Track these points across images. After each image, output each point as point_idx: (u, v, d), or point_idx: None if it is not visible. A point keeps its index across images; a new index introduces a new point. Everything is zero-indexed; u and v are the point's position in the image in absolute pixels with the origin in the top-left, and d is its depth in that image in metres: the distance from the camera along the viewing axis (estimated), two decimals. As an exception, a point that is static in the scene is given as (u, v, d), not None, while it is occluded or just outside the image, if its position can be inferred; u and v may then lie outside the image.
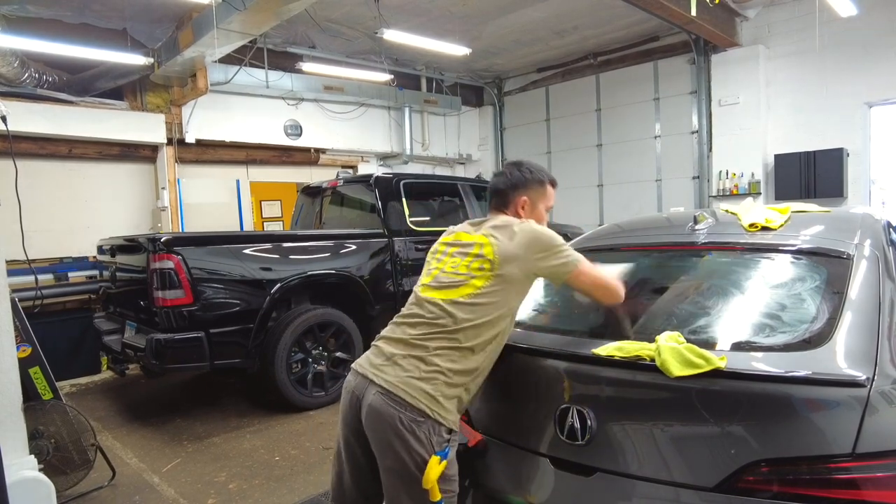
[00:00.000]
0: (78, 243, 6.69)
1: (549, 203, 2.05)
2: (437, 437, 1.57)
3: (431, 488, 1.54)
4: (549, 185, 2.05)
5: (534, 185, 1.99)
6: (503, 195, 1.98)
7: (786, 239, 2.04)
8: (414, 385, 1.58)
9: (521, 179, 1.98)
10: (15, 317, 2.74)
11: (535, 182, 2.00)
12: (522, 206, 1.96)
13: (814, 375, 1.34)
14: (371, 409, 1.62)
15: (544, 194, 2.02)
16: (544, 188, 2.03)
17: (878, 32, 7.07)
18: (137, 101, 7.22)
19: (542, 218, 1.99)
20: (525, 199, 1.96)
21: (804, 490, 1.27)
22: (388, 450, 1.59)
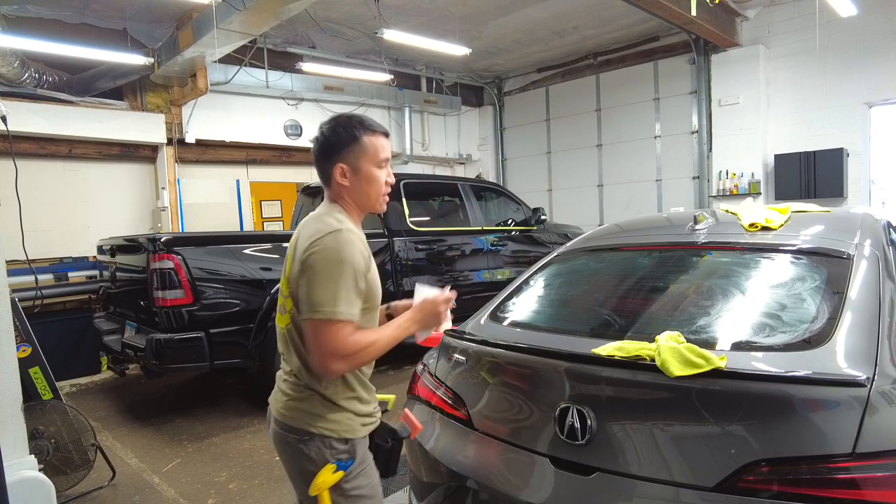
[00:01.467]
0: (78, 243, 6.70)
1: (378, 156, 1.60)
2: (330, 449, 1.52)
3: (320, 497, 1.50)
4: (367, 136, 1.58)
5: (346, 144, 1.57)
6: (319, 170, 1.63)
7: (786, 239, 2.04)
8: (292, 407, 1.56)
9: (327, 144, 1.59)
10: (15, 317, 2.74)
11: (347, 140, 1.57)
12: (342, 176, 1.58)
13: (814, 375, 1.34)
14: (273, 438, 1.65)
15: (364, 150, 1.58)
16: (359, 143, 1.57)
17: (878, 32, 7.07)
18: (137, 101, 7.22)
19: (372, 179, 1.60)
20: (341, 166, 1.57)
21: (804, 490, 1.27)
22: (290, 472, 1.64)
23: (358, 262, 1.48)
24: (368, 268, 1.54)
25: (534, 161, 10.75)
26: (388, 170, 1.65)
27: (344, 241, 1.48)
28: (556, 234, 7.04)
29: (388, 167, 1.65)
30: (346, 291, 1.44)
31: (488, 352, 1.89)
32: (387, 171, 1.65)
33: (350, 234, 1.50)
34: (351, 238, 1.49)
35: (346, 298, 1.44)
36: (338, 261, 1.44)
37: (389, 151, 1.65)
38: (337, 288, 1.43)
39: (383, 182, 1.63)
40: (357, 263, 1.47)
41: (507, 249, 6.46)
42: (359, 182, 1.60)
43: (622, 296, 2.12)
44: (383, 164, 1.63)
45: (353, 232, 1.52)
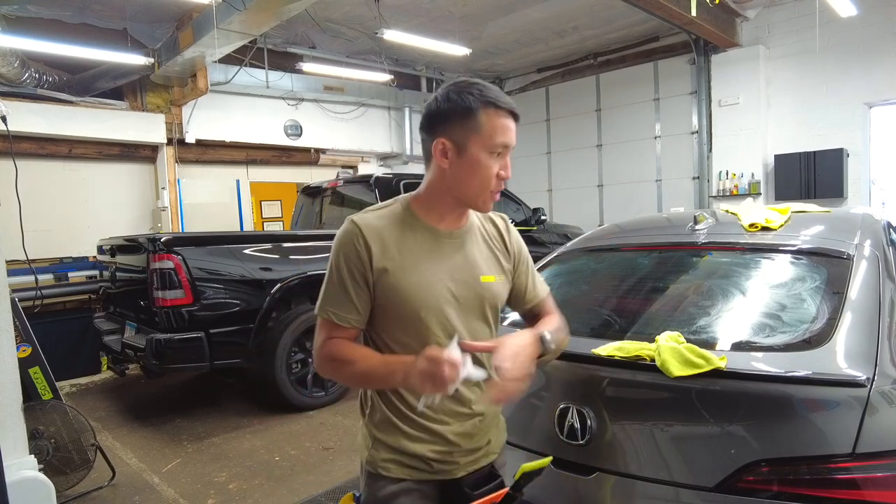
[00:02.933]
0: (78, 243, 6.69)
1: (494, 139, 1.26)
2: (361, 475, 1.45)
3: None
4: (486, 109, 1.26)
5: (456, 115, 1.27)
6: (423, 146, 1.38)
7: (786, 239, 2.04)
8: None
9: (433, 111, 1.32)
10: (15, 317, 2.74)
11: (457, 109, 1.27)
12: (442, 154, 1.29)
13: (814, 375, 1.34)
14: None
15: (476, 127, 1.25)
16: (472, 115, 1.25)
17: (877, 33, 7.07)
18: (137, 101, 7.22)
19: (477, 166, 1.27)
20: (443, 142, 1.28)
21: (804, 490, 1.27)
22: None
23: (348, 257, 1.29)
24: (378, 265, 1.28)
25: (534, 161, 10.75)
26: (506, 161, 1.31)
27: (339, 235, 1.33)
28: (556, 235, 7.03)
29: (506, 157, 1.31)
30: (331, 289, 1.32)
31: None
32: (504, 162, 1.30)
33: (350, 226, 1.31)
34: (349, 230, 1.31)
35: (330, 296, 1.32)
36: (331, 255, 1.33)
37: (513, 137, 1.30)
38: (324, 284, 1.34)
39: (493, 174, 1.28)
40: (346, 259, 1.29)
41: (507, 249, 6.45)
42: (461, 166, 1.28)
43: (622, 296, 2.12)
44: (500, 151, 1.28)
45: (358, 223, 1.31)
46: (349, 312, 1.30)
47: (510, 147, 1.31)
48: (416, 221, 1.35)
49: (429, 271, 1.32)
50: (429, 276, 1.31)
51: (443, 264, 1.34)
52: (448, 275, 1.33)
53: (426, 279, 1.31)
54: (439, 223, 1.36)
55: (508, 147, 1.30)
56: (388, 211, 1.36)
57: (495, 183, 1.31)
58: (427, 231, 1.35)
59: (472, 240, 1.41)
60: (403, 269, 1.30)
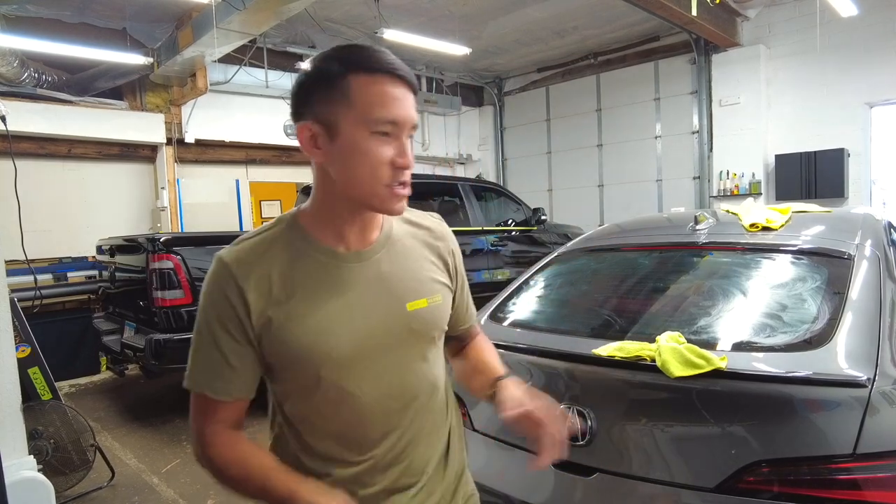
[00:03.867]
0: (77, 243, 6.69)
1: (372, 112, 0.94)
2: None
3: None
4: (353, 74, 0.93)
5: (317, 87, 0.96)
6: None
7: (786, 239, 2.03)
8: None
9: (296, 89, 0.99)
10: (14, 317, 2.73)
11: (319, 80, 0.95)
12: (311, 143, 0.97)
13: (815, 376, 1.34)
14: None
15: (346, 98, 0.93)
16: (340, 84, 0.93)
17: (878, 33, 7.06)
18: (137, 100, 7.21)
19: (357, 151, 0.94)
20: (308, 126, 0.96)
21: (805, 490, 1.26)
22: None
23: (219, 309, 0.98)
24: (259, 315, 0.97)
25: (534, 161, 10.75)
26: (401, 143, 0.97)
27: (206, 280, 1.01)
28: (557, 235, 7.03)
29: (402, 138, 0.97)
30: (201, 353, 1.00)
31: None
32: (399, 144, 0.96)
33: (217, 267, 0.99)
34: (216, 271, 0.99)
35: (201, 363, 1.00)
36: (199, 307, 1.01)
37: (405, 110, 0.96)
38: (192, 346, 1.02)
39: (384, 161, 0.95)
40: (216, 312, 0.98)
41: (508, 250, 6.46)
42: (338, 154, 0.95)
43: (623, 296, 2.12)
44: (386, 130, 0.94)
45: (226, 261, 0.99)
46: (229, 382, 0.99)
47: (402, 124, 0.95)
48: (308, 244, 1.02)
49: (330, 312, 0.99)
50: (330, 320, 0.99)
51: (351, 298, 1.01)
52: (361, 312, 1.01)
53: (326, 324, 0.98)
54: (339, 243, 1.03)
55: (398, 124, 0.95)
56: (268, 236, 1.03)
57: (390, 173, 0.95)
58: (324, 255, 1.02)
59: (392, 256, 1.08)
60: (293, 314, 0.98)
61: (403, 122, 0.96)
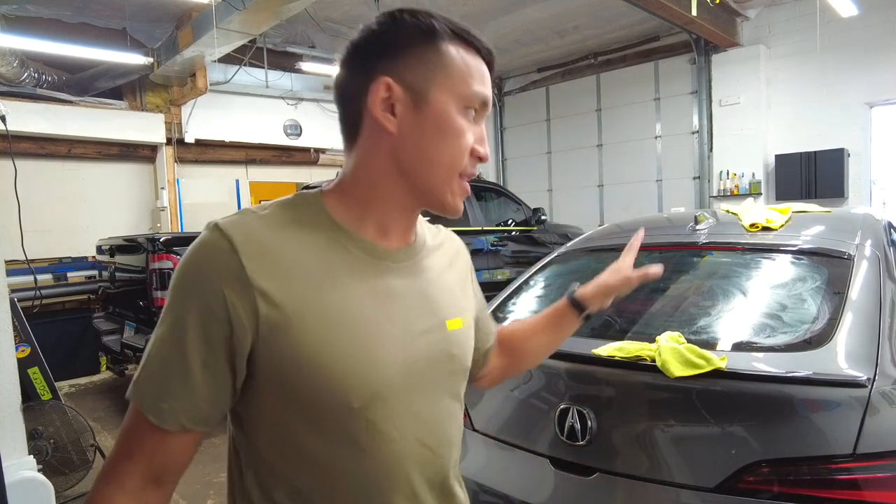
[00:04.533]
0: (77, 243, 6.69)
1: (472, 86, 0.80)
2: None
3: None
4: (452, 40, 0.80)
5: (408, 42, 0.78)
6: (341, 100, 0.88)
7: (786, 239, 2.03)
8: None
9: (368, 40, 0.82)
10: (14, 317, 2.73)
11: (413, 34, 0.78)
12: (386, 106, 0.78)
13: (815, 376, 1.34)
14: None
15: (445, 64, 0.78)
16: (439, 47, 0.78)
17: (879, 32, 7.06)
18: (137, 100, 7.21)
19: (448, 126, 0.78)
20: (388, 83, 0.77)
21: (805, 490, 1.26)
22: None
23: (204, 298, 0.69)
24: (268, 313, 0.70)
25: (534, 161, 10.74)
26: (481, 130, 0.82)
27: (191, 253, 0.72)
28: (557, 235, 7.03)
29: (482, 124, 0.83)
30: (159, 354, 0.72)
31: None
32: (479, 130, 0.82)
33: (213, 237, 0.72)
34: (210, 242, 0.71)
35: (154, 369, 0.72)
36: (170, 293, 0.72)
37: (489, 91, 0.82)
38: (149, 346, 0.73)
39: (468, 144, 0.79)
40: (200, 302, 0.69)
41: (508, 249, 6.46)
42: (419, 128, 0.77)
43: (622, 296, 2.11)
44: (477, 108, 0.80)
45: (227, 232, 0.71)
46: (183, 401, 0.70)
47: (488, 106, 0.82)
48: (342, 232, 0.78)
49: (374, 322, 0.76)
50: (375, 332, 0.75)
51: (395, 308, 0.79)
52: (404, 326, 0.79)
53: (369, 337, 0.75)
54: (381, 236, 0.82)
55: (487, 105, 0.82)
56: (287, 213, 0.78)
57: (469, 162, 0.81)
58: (362, 249, 0.79)
59: (430, 263, 0.89)
60: (321, 320, 0.72)
61: (489, 104, 0.83)
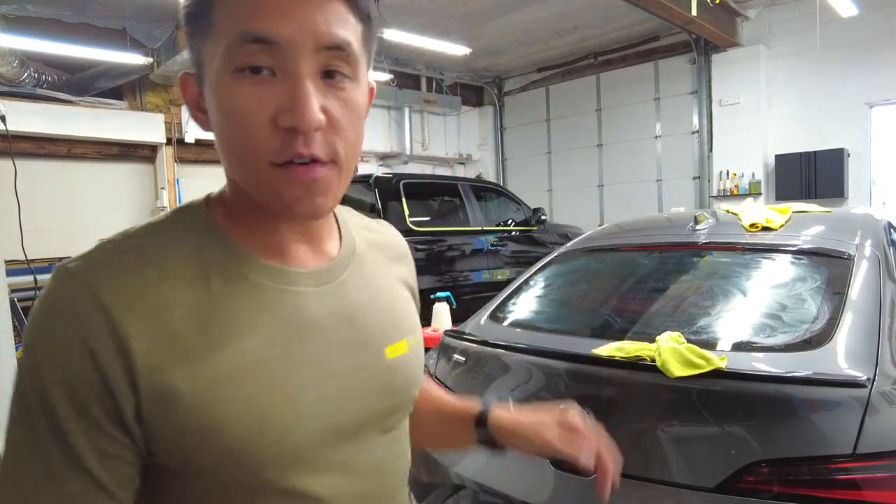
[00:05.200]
0: (77, 243, 6.67)
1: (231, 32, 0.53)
2: None
3: None
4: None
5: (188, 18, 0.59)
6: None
7: (786, 239, 2.03)
8: None
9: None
10: (14, 317, 2.73)
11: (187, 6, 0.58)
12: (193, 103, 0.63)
13: (814, 376, 1.34)
14: None
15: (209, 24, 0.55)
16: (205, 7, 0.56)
17: (878, 33, 7.06)
18: (137, 100, 7.22)
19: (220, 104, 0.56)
20: (185, 76, 0.63)
21: (805, 490, 1.26)
22: None
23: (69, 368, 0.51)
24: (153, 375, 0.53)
25: (534, 161, 10.75)
26: (293, 84, 0.54)
27: (47, 305, 0.54)
28: (557, 235, 7.03)
29: (293, 73, 0.54)
30: (23, 458, 0.52)
31: (488, 352, 1.88)
32: (288, 86, 0.54)
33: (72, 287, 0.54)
34: (72, 295, 0.53)
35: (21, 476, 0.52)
36: (21, 370, 0.54)
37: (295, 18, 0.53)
38: (5, 449, 0.53)
39: (258, 116, 0.54)
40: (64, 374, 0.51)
41: (507, 250, 6.46)
42: (211, 113, 0.59)
43: (622, 296, 2.12)
44: (252, 58, 0.53)
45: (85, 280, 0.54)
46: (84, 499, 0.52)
47: (287, 44, 0.53)
48: (237, 258, 0.61)
49: (286, 368, 0.60)
50: (287, 382, 0.59)
51: (314, 344, 0.62)
52: (328, 365, 0.63)
53: (280, 390, 0.59)
54: (284, 258, 0.64)
55: (277, 45, 0.53)
56: (166, 240, 0.62)
57: (273, 139, 0.54)
58: (266, 276, 0.61)
59: (360, 280, 0.70)
60: (216, 378, 0.55)
61: (288, 40, 0.52)
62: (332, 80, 0.57)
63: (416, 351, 0.75)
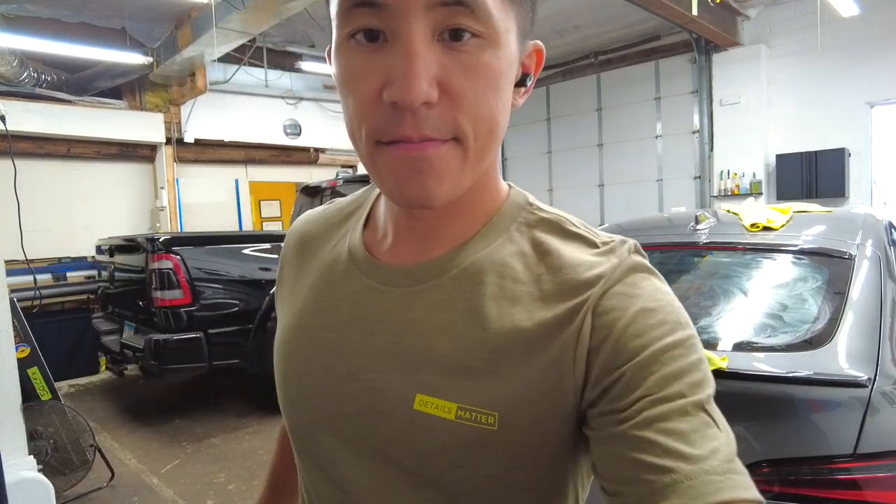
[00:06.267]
0: (76, 243, 6.69)
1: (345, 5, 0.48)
2: None
3: None
4: None
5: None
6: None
7: (787, 239, 2.03)
8: None
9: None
10: (14, 317, 2.73)
11: None
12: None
13: (815, 376, 1.33)
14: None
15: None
16: None
17: (879, 32, 7.05)
18: (136, 100, 7.21)
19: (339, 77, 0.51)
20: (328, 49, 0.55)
21: (806, 491, 1.26)
22: None
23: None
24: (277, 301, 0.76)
25: (534, 161, 10.74)
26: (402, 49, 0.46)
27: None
28: (557, 234, 7.02)
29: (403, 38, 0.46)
30: None
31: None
32: (398, 52, 0.46)
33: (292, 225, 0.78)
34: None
35: None
36: None
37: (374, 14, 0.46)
38: None
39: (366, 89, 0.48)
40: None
41: (507, 249, 6.45)
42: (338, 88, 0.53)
43: None
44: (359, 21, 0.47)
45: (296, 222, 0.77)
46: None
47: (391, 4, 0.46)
48: (353, 232, 0.66)
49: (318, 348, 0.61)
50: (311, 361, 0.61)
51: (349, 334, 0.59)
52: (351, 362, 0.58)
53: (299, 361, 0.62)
54: (386, 244, 0.62)
55: (383, 6, 0.46)
56: (344, 207, 0.74)
57: (380, 114, 0.48)
58: (353, 256, 0.63)
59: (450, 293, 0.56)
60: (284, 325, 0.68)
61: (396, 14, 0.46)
62: (457, 43, 0.47)
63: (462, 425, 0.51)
